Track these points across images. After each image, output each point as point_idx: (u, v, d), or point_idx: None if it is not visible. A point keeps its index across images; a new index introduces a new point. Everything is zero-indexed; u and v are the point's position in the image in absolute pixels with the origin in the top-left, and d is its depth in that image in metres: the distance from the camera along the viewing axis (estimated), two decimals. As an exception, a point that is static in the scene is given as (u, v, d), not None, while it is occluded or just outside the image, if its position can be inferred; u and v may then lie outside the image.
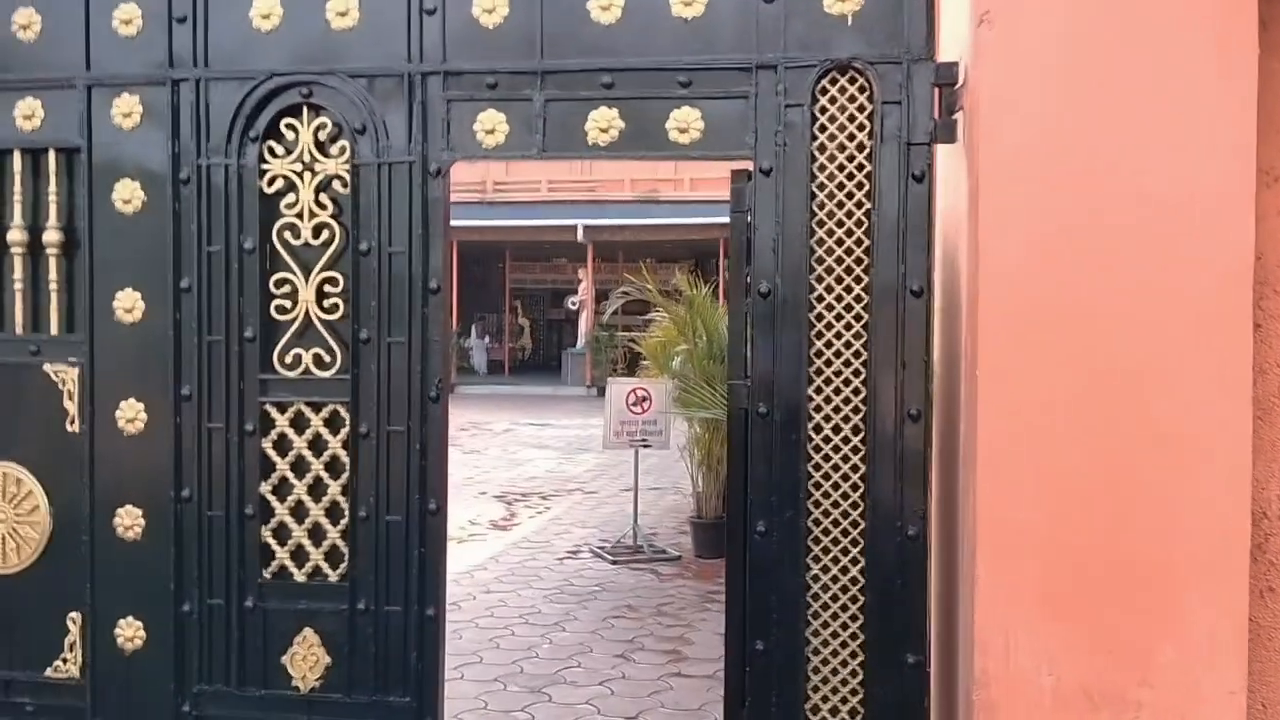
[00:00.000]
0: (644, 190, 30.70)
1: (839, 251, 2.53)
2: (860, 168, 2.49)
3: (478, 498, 10.03)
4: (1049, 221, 2.16)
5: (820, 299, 2.55)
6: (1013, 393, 2.19)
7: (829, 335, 2.55)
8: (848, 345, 2.55)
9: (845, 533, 2.54)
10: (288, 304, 2.77)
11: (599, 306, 26.78)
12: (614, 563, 7.04)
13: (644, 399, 7.32)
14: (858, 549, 2.53)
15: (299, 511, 2.80)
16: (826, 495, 2.55)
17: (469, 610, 5.80)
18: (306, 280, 2.75)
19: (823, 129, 2.50)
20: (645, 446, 7.35)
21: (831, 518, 2.55)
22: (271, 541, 2.78)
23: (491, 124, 2.70)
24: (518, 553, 7.46)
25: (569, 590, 6.28)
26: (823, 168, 2.51)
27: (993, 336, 2.22)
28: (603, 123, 2.58)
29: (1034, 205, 2.17)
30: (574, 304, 26.58)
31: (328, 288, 2.76)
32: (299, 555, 2.79)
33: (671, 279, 32.33)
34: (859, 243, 2.53)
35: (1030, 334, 2.18)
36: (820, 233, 2.55)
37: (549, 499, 9.96)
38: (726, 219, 2.73)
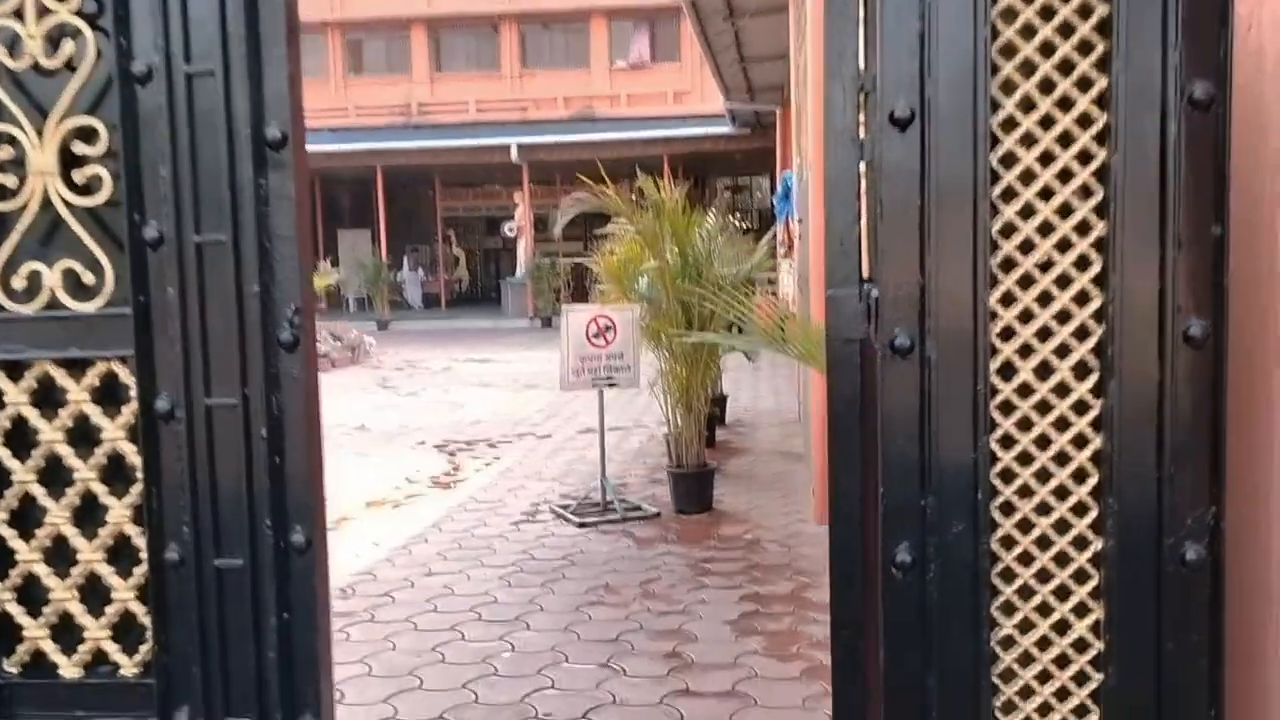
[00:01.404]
0: (579, 108, 29.11)
1: (1043, 36, 1.35)
2: None
3: (415, 448, 8.80)
4: None
5: (1011, 125, 1.37)
6: None
7: (1028, 194, 1.38)
8: (1064, 211, 1.38)
9: (1063, 560, 1.40)
10: (8, 181, 1.54)
11: (540, 232, 25.33)
12: (581, 525, 5.91)
13: (607, 329, 6.12)
14: (1087, 589, 1.39)
15: (58, 555, 1.58)
16: (1026, 493, 1.41)
17: (405, 603, 4.63)
18: (40, 135, 1.51)
19: None
20: (611, 385, 6.18)
21: (1036, 534, 1.41)
22: (16, 610, 1.58)
23: None
24: (464, 517, 6.28)
25: (530, 567, 5.14)
26: None
27: None
28: None
29: None
30: (511, 230, 25.08)
31: (81, 147, 1.52)
32: (66, 632, 1.59)
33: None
34: (1084, 10, 1.35)
35: None
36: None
37: (497, 446, 8.76)
38: (670, 133, 1.48)
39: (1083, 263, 1.33)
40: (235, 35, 1.42)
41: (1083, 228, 1.33)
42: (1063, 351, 1.35)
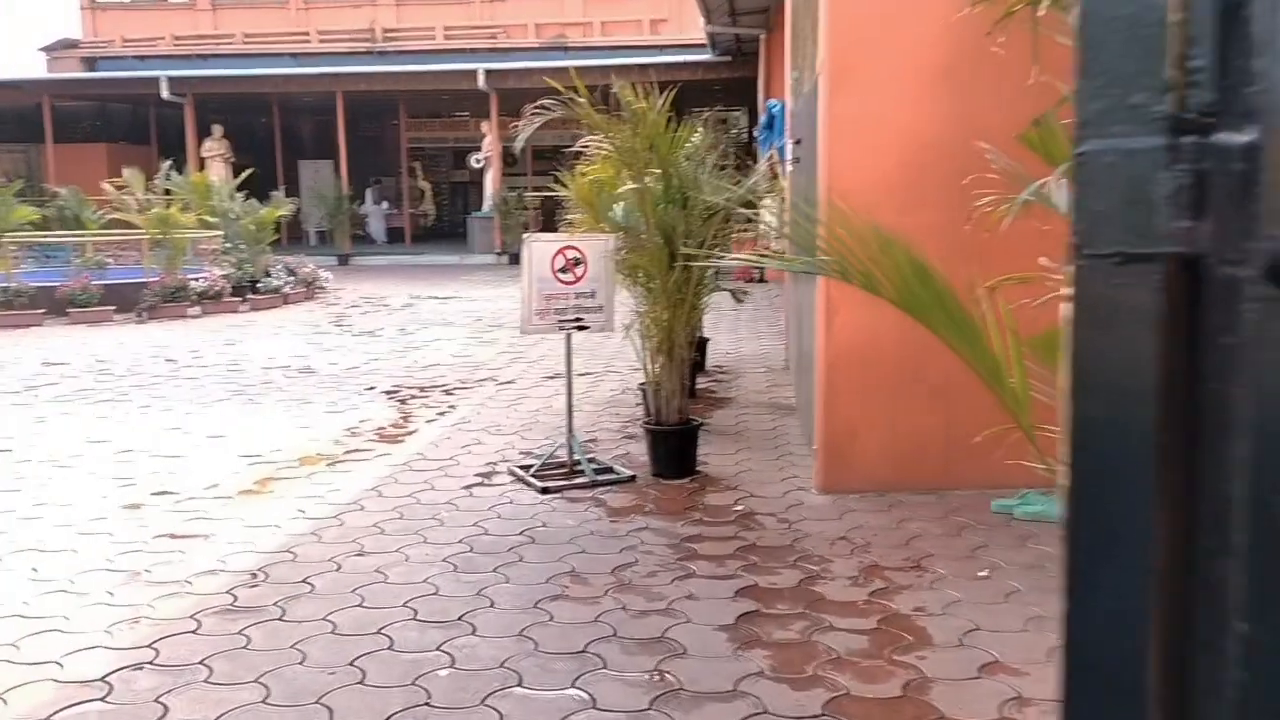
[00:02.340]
0: (551, 36, 27.78)
1: None
2: None
3: (363, 395, 7.91)
4: None
5: None
6: None
7: None
8: None
9: None
10: None
11: (509, 166, 24.16)
12: (544, 490, 5.08)
13: (576, 262, 5.24)
14: None
15: None
16: None
17: (325, 593, 3.79)
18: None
19: None
20: (580, 329, 5.31)
21: None
22: None
23: None
24: (410, 479, 5.44)
25: (481, 545, 4.31)
26: None
27: None
28: None
29: None
30: (478, 162, 23.89)
31: None
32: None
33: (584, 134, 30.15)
34: None
35: None
36: None
37: (454, 394, 7.89)
38: (645, 61, 0.55)
39: None
40: None
41: None
42: None
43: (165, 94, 22.26)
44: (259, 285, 14.70)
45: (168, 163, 17.31)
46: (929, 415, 4.90)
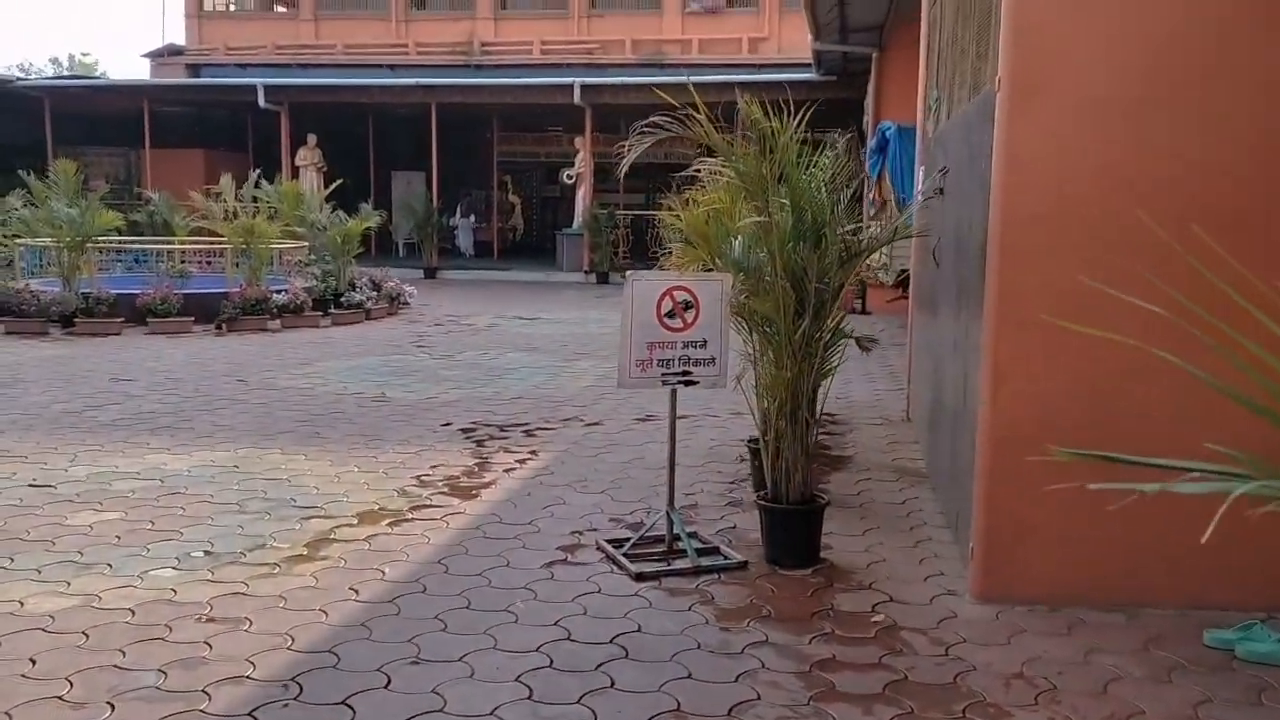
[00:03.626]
0: (647, 52, 27.17)
1: None
2: None
3: (438, 432, 7.21)
4: None
5: None
6: None
7: None
8: None
9: None
10: None
11: (601, 181, 23.55)
12: (639, 577, 4.26)
13: (686, 306, 4.42)
14: None
15: None
16: None
17: None
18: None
19: None
20: (688, 383, 4.49)
21: None
22: None
23: None
24: (482, 550, 4.67)
25: (563, 658, 3.50)
26: None
27: None
28: None
29: None
30: (570, 177, 23.33)
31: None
32: None
33: (681, 151, 29.25)
34: None
35: None
36: None
37: (536, 436, 7.14)
38: (747, 79, 0.13)
39: None
40: None
41: None
42: None
43: (261, 101, 22.21)
44: (342, 299, 14.25)
45: (256, 170, 17.07)
46: (1118, 510, 3.94)
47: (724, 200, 4.84)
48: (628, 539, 4.71)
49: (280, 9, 30.17)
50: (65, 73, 48.42)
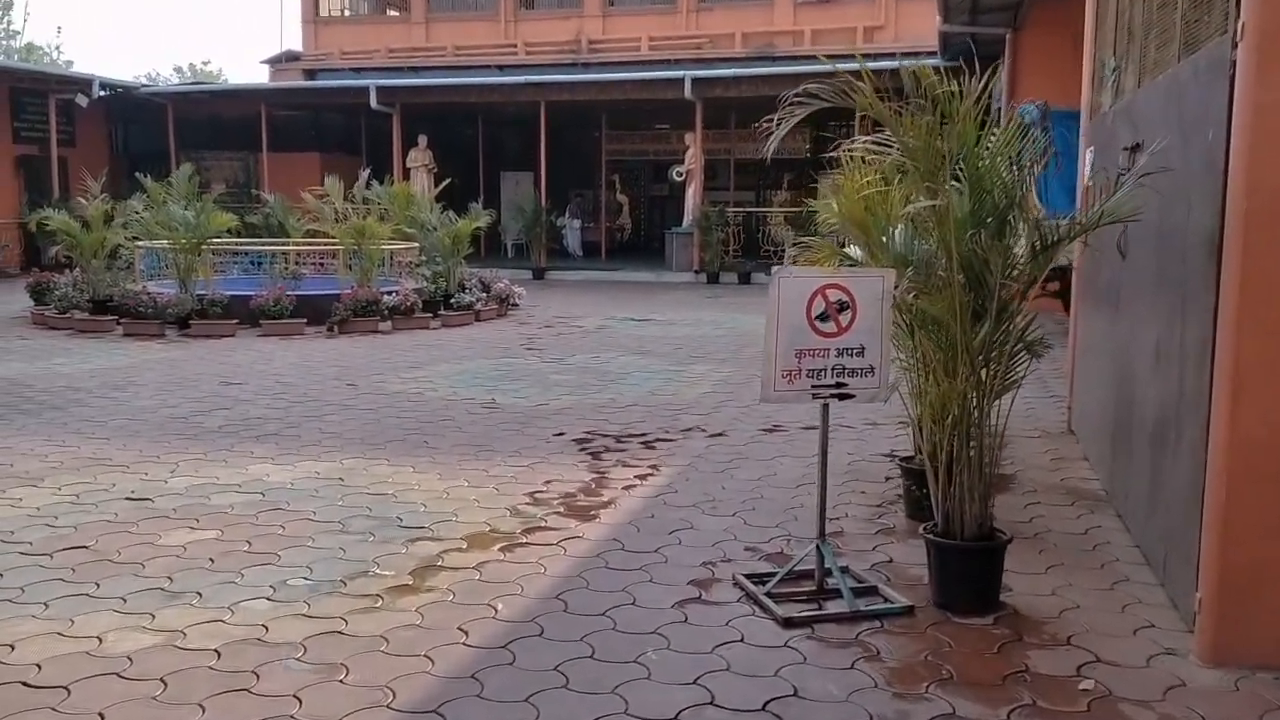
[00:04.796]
0: (757, 45, 26.43)
1: None
2: None
3: (551, 442, 6.72)
4: None
5: None
6: None
7: None
8: None
9: None
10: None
11: (711, 179, 22.86)
12: (787, 623, 3.66)
13: (842, 307, 3.79)
14: None
15: None
16: None
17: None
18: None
19: None
20: (844, 397, 3.86)
21: None
22: None
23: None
24: (604, 583, 4.13)
25: (704, 721, 2.93)
26: None
27: None
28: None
29: None
30: (679, 175, 22.76)
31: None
32: None
33: (793, 146, 28.16)
34: None
35: None
36: None
37: (655, 448, 6.59)
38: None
39: None
40: None
41: None
42: None
43: (374, 103, 22.29)
44: (451, 300, 13.99)
45: (366, 171, 17.01)
46: (1400, 564, 3.17)
47: (882, 183, 4.19)
48: (769, 574, 4.10)
49: (393, 12, 30.47)
50: (188, 80, 50.21)
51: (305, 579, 4.19)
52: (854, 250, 5.24)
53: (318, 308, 12.73)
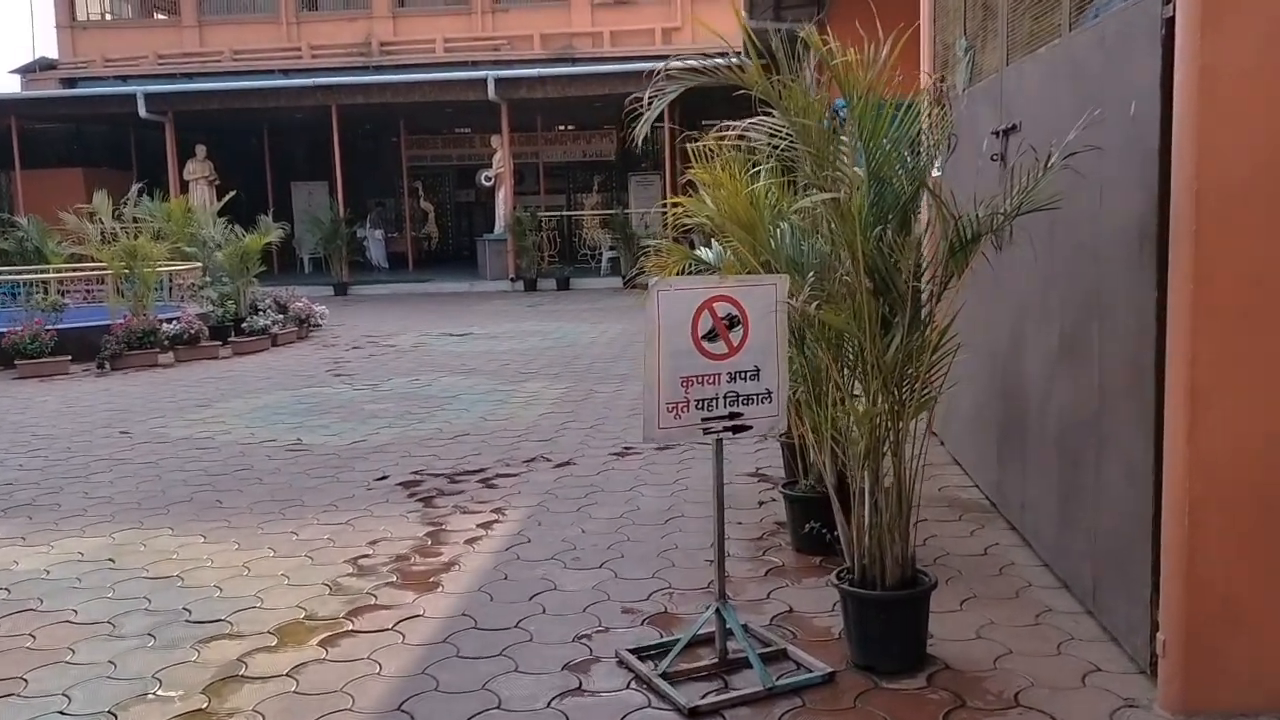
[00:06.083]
0: (557, 47, 25.84)
1: None
2: None
3: (374, 490, 5.81)
4: None
5: None
6: None
7: None
8: None
9: None
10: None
11: (520, 183, 22.06)
12: (691, 713, 2.98)
13: (732, 322, 3.15)
14: None
15: None
16: None
17: None
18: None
19: None
20: (740, 429, 3.22)
21: None
22: None
23: None
24: (455, 680, 3.33)
25: None
26: None
27: None
28: None
29: None
30: (488, 179, 21.85)
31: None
32: None
33: (600, 148, 27.87)
34: None
35: None
36: None
37: (496, 486, 5.79)
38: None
39: None
40: None
41: None
42: None
43: (143, 112, 20.27)
44: (243, 325, 12.63)
45: (136, 186, 15.29)
46: (1378, 584, 2.81)
47: (757, 177, 3.58)
48: (659, 646, 3.42)
49: (160, 16, 27.98)
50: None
51: (61, 714, 3.19)
52: (705, 253, 4.67)
53: (85, 342, 11.17)
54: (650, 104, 3.19)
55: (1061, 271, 3.83)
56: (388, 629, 3.78)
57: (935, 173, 5.75)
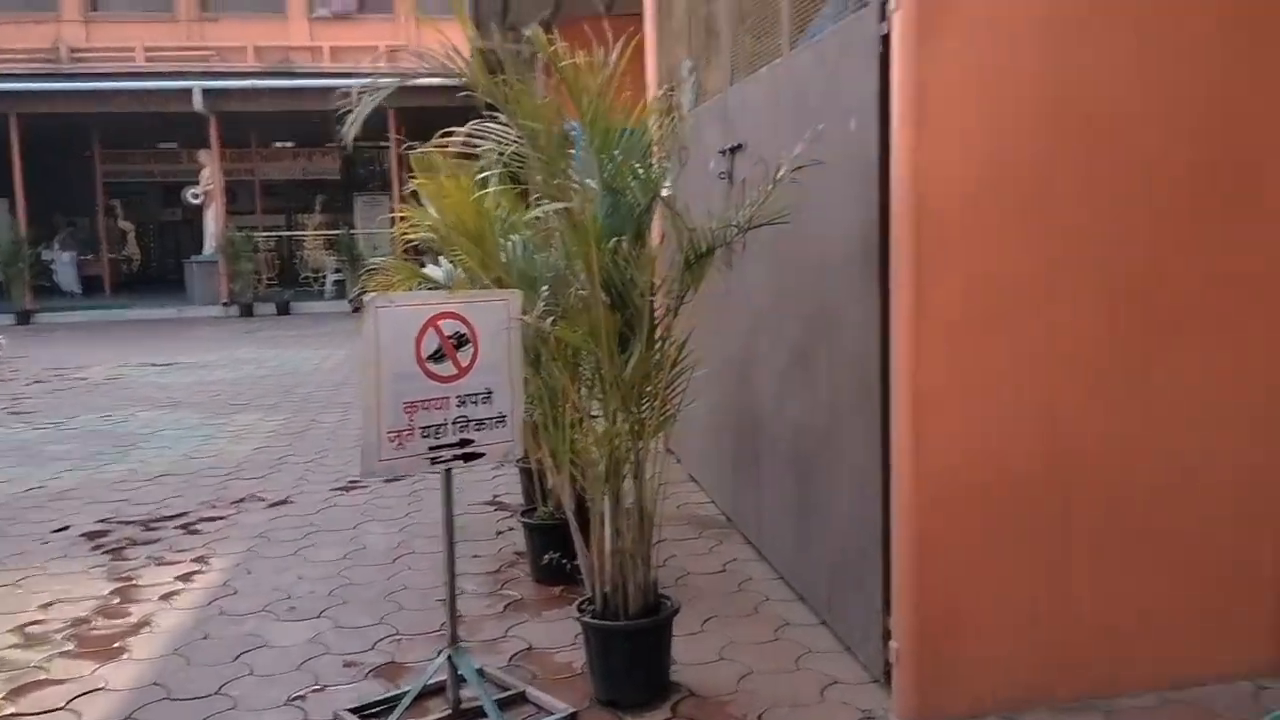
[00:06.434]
0: (274, 61, 24.49)
1: None
2: None
3: (51, 543, 5.03)
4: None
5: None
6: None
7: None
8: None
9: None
10: None
11: (232, 202, 20.58)
12: (423, 776, 2.70)
13: (460, 341, 2.90)
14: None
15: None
16: None
17: None
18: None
19: None
20: (471, 457, 2.96)
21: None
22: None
23: None
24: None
25: None
26: None
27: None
28: None
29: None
30: (196, 197, 20.29)
31: None
32: None
33: (323, 166, 26.77)
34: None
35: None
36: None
37: (198, 530, 5.18)
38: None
39: None
40: None
41: None
42: None
43: None
44: (-107, 359, 10.88)
45: None
46: (1087, 578, 2.97)
47: (484, 185, 3.36)
48: (385, 701, 3.09)
49: None
50: None
51: None
52: (434, 271, 4.39)
53: None
54: (362, 99, 2.88)
55: (792, 286, 3.87)
56: (59, 709, 3.20)
57: (665, 190, 5.75)
